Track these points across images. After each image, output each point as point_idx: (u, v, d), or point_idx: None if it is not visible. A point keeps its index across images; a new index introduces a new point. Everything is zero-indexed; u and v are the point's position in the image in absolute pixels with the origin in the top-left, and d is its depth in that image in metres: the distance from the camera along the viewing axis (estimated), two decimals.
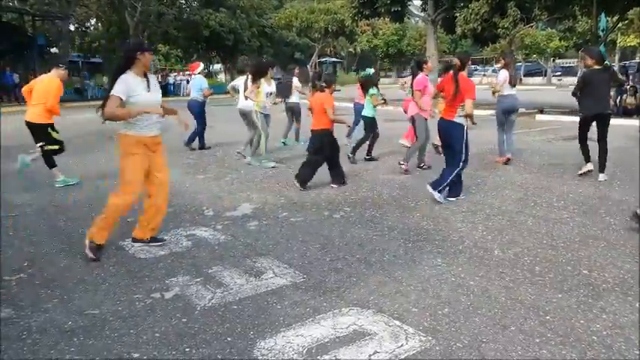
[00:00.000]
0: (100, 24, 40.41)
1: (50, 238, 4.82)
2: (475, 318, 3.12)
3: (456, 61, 5.86)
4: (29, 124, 6.86)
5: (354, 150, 8.45)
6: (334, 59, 56.77)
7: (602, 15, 18.15)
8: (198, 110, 10.05)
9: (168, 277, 3.81)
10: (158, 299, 3.46)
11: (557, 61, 50.67)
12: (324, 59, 50.27)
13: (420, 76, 7.50)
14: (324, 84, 6.82)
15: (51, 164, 7.09)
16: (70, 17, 32.32)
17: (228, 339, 2.93)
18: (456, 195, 5.91)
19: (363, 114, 8.44)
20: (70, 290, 3.62)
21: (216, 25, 39.43)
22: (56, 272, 3.96)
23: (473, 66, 43.89)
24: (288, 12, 41.24)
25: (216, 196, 6.30)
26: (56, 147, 7.01)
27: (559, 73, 47.35)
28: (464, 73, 5.82)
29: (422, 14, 23.38)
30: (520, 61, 42.75)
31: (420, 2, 23.40)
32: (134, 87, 4.07)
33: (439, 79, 8.08)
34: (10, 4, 30.61)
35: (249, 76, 8.42)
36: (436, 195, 5.76)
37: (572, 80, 30.15)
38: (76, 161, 9.06)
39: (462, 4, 19.64)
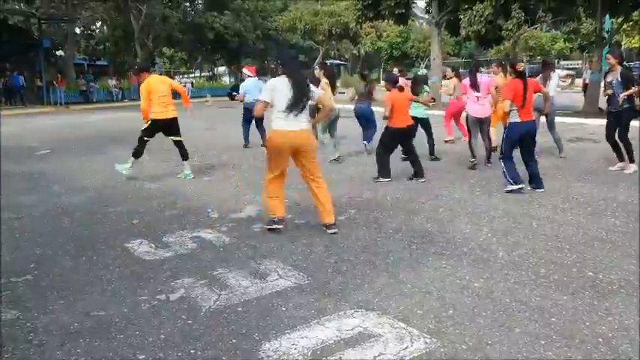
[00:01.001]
0: (105, 27, 40.62)
1: (56, 239, 4.84)
2: (480, 320, 3.12)
3: (522, 65, 6.52)
4: (175, 120, 7.46)
5: (433, 151, 8.70)
6: (338, 61, 56.80)
7: (607, 17, 18.11)
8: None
9: (174, 279, 3.83)
10: (163, 301, 3.47)
11: (562, 62, 50.54)
12: (328, 61, 50.28)
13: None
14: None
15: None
16: (76, 20, 32.49)
17: (233, 340, 2.94)
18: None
19: (416, 115, 8.30)
20: (76, 291, 3.64)
21: (220, 27, 39.57)
22: (62, 274, 3.99)
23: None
24: (293, 14, 41.29)
25: (221, 198, 6.32)
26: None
27: (564, 74, 47.15)
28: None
29: (426, 16, 23.45)
30: (524, 63, 42.69)
31: (424, 4, 23.42)
32: None
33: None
34: (17, 7, 30.80)
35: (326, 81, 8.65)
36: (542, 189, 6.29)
37: (577, 82, 30.03)
38: (81, 163, 9.10)
39: (465, 6, 19.62)
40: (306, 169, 4.84)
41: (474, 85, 7.75)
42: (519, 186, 6.22)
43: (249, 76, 10.62)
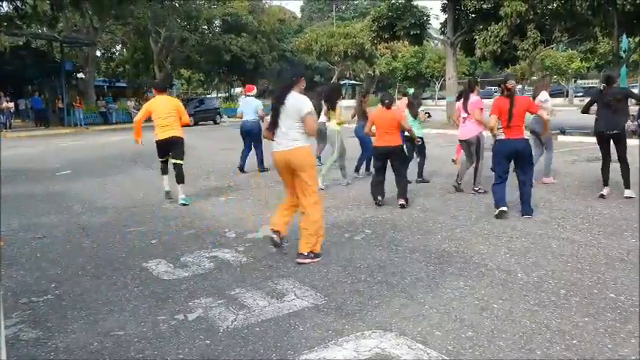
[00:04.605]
0: (125, 49, 41.52)
1: (76, 259, 4.91)
2: (499, 342, 3.09)
3: (512, 83, 6.08)
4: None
5: (421, 174, 8.53)
6: (353, 82, 57.20)
7: (624, 36, 18.04)
8: (259, 131, 9.84)
9: (192, 299, 3.85)
10: (182, 321, 3.49)
11: (579, 82, 50.28)
12: (343, 82, 50.61)
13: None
14: None
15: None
16: (97, 44, 33.26)
17: None
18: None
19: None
20: (95, 311, 3.68)
21: (237, 49, 40.24)
22: (82, 293, 4.04)
23: (493, 87, 43.77)
24: (308, 36, 41.83)
25: (238, 218, 6.36)
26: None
27: (580, 94, 46.94)
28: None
29: (441, 37, 23.50)
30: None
31: (439, 25, 23.56)
32: None
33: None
34: (40, 31, 31.66)
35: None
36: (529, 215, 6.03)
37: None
38: (101, 183, 9.24)
39: (481, 27, 19.70)
40: (298, 188, 4.68)
41: (464, 106, 7.61)
42: (499, 209, 6.02)
43: (247, 95, 10.45)
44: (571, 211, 6.27)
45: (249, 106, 10.12)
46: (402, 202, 6.72)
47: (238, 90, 60.00)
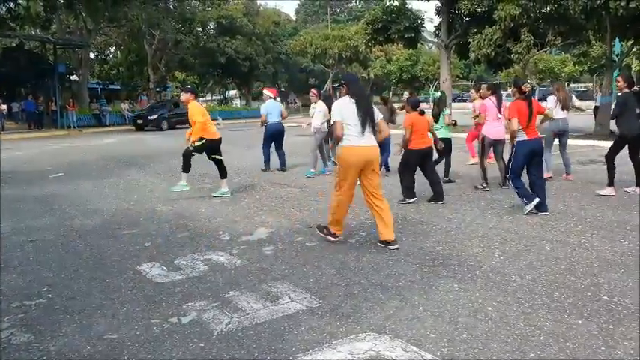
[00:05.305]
0: (119, 52, 41.42)
1: (69, 262, 4.88)
2: (493, 344, 3.09)
3: (527, 86, 6.47)
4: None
5: (448, 173, 8.71)
6: None
7: (617, 40, 18.15)
8: (284, 132, 10.70)
9: (185, 302, 3.84)
10: (175, 324, 3.48)
11: (572, 85, 50.60)
12: (337, 84, 50.70)
13: None
14: None
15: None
16: (90, 45, 33.15)
17: None
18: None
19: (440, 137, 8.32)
20: (88, 315, 3.66)
21: (232, 52, 40.24)
22: (75, 296, 4.01)
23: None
24: (303, 39, 41.89)
25: (232, 221, 6.35)
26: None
27: (573, 97, 47.20)
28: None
29: (435, 40, 23.57)
30: (534, 86, 42.78)
31: (434, 28, 23.63)
32: None
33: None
34: (33, 33, 31.53)
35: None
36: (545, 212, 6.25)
37: (587, 104, 29.99)
38: (94, 185, 9.20)
39: (475, 30, 19.77)
40: (372, 184, 5.06)
41: (499, 108, 7.83)
42: (534, 202, 6.17)
43: (270, 97, 10.66)
44: (564, 214, 6.30)
45: (277, 108, 10.56)
46: (442, 202, 7.05)
47: (232, 92, 60.13)
